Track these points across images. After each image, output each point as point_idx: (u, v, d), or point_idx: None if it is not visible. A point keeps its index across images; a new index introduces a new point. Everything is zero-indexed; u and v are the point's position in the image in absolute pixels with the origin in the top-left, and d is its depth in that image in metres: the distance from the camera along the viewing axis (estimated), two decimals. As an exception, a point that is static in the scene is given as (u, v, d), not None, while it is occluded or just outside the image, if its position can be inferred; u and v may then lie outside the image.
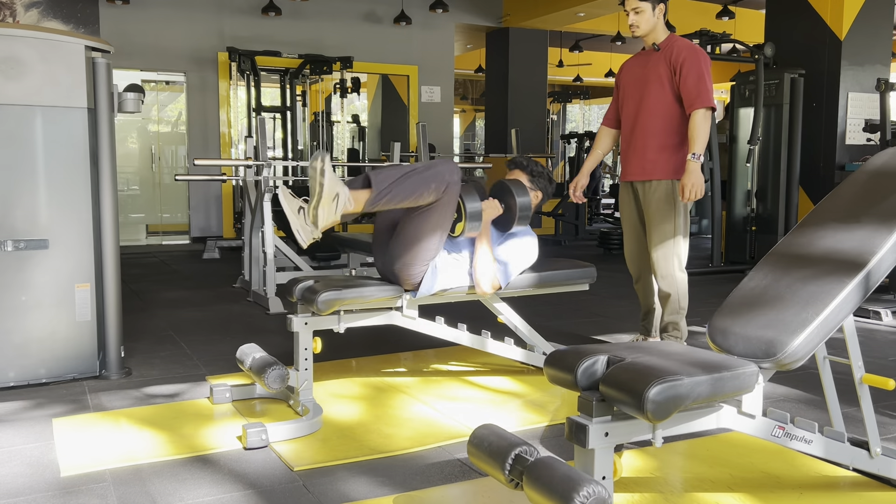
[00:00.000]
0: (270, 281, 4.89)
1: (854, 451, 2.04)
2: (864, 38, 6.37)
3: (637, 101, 3.53)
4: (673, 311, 3.52)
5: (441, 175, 2.69)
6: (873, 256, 1.93)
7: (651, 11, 3.41)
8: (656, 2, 3.42)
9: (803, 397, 3.07)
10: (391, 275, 2.92)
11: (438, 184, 2.68)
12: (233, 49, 8.40)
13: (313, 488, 2.19)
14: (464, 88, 16.60)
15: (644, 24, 3.44)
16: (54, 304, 3.18)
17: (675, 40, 3.48)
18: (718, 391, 1.74)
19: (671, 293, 3.50)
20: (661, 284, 3.52)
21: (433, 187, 2.68)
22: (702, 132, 3.33)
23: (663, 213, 3.46)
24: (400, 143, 6.08)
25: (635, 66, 3.60)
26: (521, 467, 1.75)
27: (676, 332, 3.54)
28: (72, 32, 3.69)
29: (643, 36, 3.50)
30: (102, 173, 3.26)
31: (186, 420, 2.76)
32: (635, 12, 3.42)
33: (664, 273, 3.49)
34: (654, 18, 3.43)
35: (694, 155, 3.33)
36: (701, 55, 3.39)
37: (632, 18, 3.44)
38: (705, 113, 3.34)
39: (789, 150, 6.50)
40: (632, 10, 3.43)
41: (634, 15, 3.43)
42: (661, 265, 3.48)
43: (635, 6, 3.41)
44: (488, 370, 3.43)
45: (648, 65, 3.51)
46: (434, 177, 2.68)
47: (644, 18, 3.42)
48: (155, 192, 10.26)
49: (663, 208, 3.46)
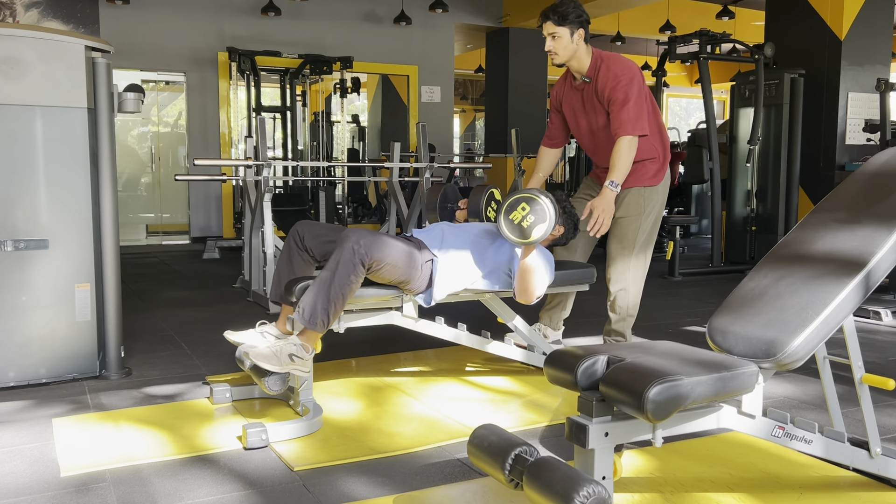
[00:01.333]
0: (270, 281, 4.88)
1: (854, 451, 2.04)
2: (864, 38, 6.37)
3: (594, 134, 3.39)
4: (620, 318, 3.44)
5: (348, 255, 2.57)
6: (873, 256, 1.93)
7: (569, 37, 3.20)
8: (575, 27, 3.20)
9: (803, 397, 3.07)
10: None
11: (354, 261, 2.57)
12: (233, 49, 8.40)
13: (313, 488, 2.19)
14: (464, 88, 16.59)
15: (562, 52, 3.23)
16: (54, 304, 3.18)
17: (601, 67, 3.25)
18: (718, 391, 1.74)
19: (620, 300, 3.42)
20: (612, 288, 3.43)
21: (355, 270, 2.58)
22: (622, 160, 3.15)
23: (628, 219, 3.39)
24: (400, 143, 6.08)
25: (572, 96, 3.43)
26: (521, 467, 1.75)
27: (621, 339, 3.50)
28: (72, 32, 3.69)
29: (563, 63, 3.30)
30: (102, 173, 3.26)
31: (186, 420, 2.76)
32: (552, 38, 3.21)
33: (617, 278, 3.41)
34: (572, 45, 3.22)
35: (612, 182, 3.15)
36: (624, 80, 3.17)
37: (549, 44, 3.23)
38: (630, 140, 3.16)
39: (789, 150, 6.50)
40: (549, 36, 3.22)
41: (552, 41, 3.22)
42: (617, 270, 3.41)
43: (552, 31, 3.21)
44: (488, 370, 3.43)
45: (585, 96, 3.35)
46: (345, 263, 2.56)
47: (562, 45, 3.22)
48: (155, 192, 10.27)
49: (630, 213, 3.39)
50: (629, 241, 3.39)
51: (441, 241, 2.99)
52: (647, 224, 3.40)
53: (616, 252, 3.42)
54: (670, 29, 9.89)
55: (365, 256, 2.60)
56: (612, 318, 3.47)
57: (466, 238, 3.03)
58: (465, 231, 3.09)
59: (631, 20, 11.10)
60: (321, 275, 2.59)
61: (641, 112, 3.18)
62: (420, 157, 5.78)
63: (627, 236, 3.39)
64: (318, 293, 2.57)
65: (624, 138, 3.16)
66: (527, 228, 2.62)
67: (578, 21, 3.21)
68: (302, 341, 2.62)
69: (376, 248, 2.63)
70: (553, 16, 3.20)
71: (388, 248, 2.68)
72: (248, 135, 8.21)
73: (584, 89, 3.34)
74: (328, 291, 2.56)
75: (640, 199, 3.39)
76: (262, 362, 2.52)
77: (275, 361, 2.54)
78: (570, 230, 3.25)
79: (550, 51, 3.25)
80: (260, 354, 2.53)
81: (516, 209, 2.63)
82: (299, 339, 2.62)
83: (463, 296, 3.06)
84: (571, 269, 3.30)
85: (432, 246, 2.94)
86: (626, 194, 3.38)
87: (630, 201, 3.39)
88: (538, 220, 2.61)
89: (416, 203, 5.81)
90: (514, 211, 2.63)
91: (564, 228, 3.21)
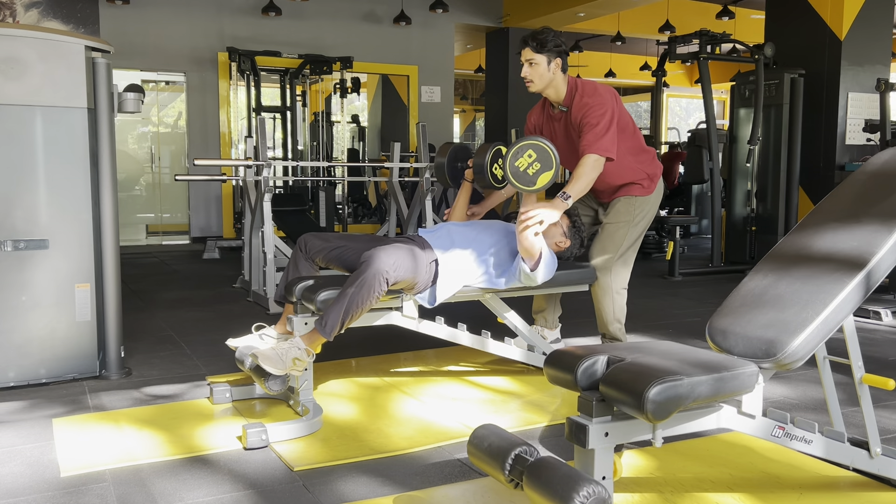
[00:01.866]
0: (270, 281, 4.89)
1: (854, 451, 2.04)
2: (864, 38, 6.37)
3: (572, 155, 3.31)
4: (608, 321, 3.42)
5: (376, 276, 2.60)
6: (873, 256, 1.93)
7: (546, 65, 3.17)
8: (553, 55, 3.17)
9: (803, 397, 3.07)
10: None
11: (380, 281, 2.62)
12: (233, 49, 8.40)
13: (313, 488, 2.19)
14: (464, 88, 16.59)
15: (538, 80, 3.19)
16: (54, 304, 3.18)
17: (575, 95, 3.22)
18: (718, 391, 1.74)
19: (604, 304, 3.40)
20: (597, 292, 3.41)
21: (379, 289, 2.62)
22: (583, 177, 3.07)
23: (616, 225, 3.39)
24: (400, 143, 6.08)
25: (550, 125, 3.39)
26: (521, 467, 1.75)
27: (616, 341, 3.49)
28: (72, 32, 3.69)
29: (539, 91, 3.25)
30: (102, 173, 3.26)
31: (186, 420, 2.76)
32: (529, 64, 3.18)
33: (602, 283, 3.38)
34: (549, 73, 3.18)
35: (564, 194, 3.03)
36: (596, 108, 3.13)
37: (525, 70, 3.20)
38: (595, 160, 3.09)
39: (789, 150, 6.50)
40: (526, 62, 3.19)
41: (528, 67, 3.19)
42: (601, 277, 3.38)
43: (530, 57, 3.17)
44: (488, 370, 3.43)
45: (563, 127, 3.32)
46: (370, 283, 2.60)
47: (538, 73, 3.18)
48: (155, 192, 10.27)
49: (620, 220, 3.38)
50: (614, 247, 3.37)
51: (445, 240, 3.00)
52: (634, 232, 3.40)
53: (599, 258, 3.39)
54: (670, 29, 9.89)
55: (391, 278, 2.66)
56: (600, 322, 3.48)
57: (471, 237, 3.04)
58: (471, 230, 3.10)
59: (631, 20, 11.09)
60: (344, 288, 2.62)
61: (608, 135, 3.11)
62: (420, 157, 5.78)
63: (613, 242, 3.37)
64: (338, 308, 2.61)
65: (589, 156, 3.09)
66: (533, 175, 2.62)
67: (557, 50, 3.19)
68: (305, 344, 2.64)
69: (402, 270, 2.70)
70: (532, 42, 3.18)
71: (408, 264, 2.74)
72: (248, 135, 8.21)
73: (561, 119, 3.33)
74: (348, 304, 2.60)
75: (631, 208, 3.40)
76: (265, 364, 2.54)
77: (279, 364, 2.56)
78: (577, 246, 3.27)
79: (526, 77, 3.22)
80: (264, 356, 2.56)
81: (522, 156, 2.63)
82: (303, 343, 2.64)
83: (461, 296, 3.06)
84: (572, 269, 3.30)
85: (436, 246, 2.96)
86: (617, 202, 3.40)
87: (620, 208, 3.40)
88: (544, 168, 2.62)
89: (416, 203, 5.80)
90: (521, 158, 2.63)
91: (571, 242, 3.22)
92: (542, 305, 3.67)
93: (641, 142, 3.43)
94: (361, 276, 2.61)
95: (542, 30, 3.21)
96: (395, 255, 2.69)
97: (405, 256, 2.75)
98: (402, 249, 2.77)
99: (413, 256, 2.80)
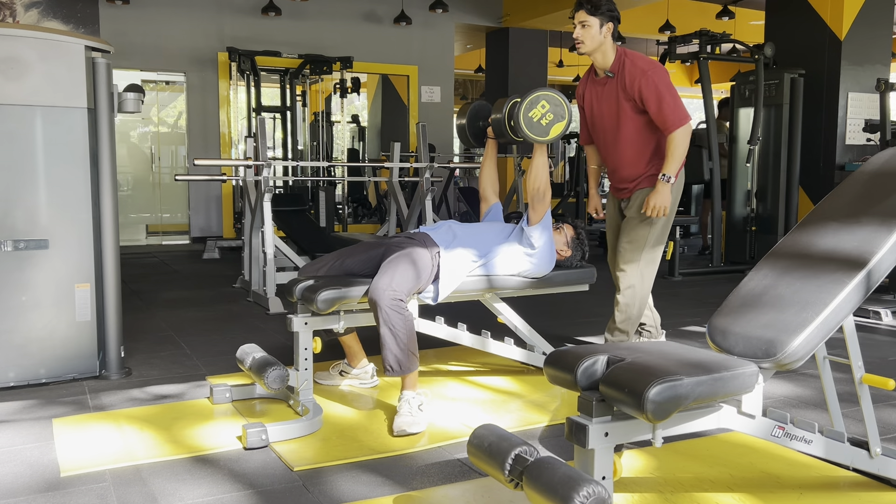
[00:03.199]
0: (270, 281, 4.89)
1: (854, 451, 2.04)
2: (864, 38, 6.37)
3: (607, 131, 3.40)
4: (626, 317, 3.42)
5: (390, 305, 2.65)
6: (873, 256, 1.93)
7: (598, 28, 3.22)
8: (605, 19, 3.22)
9: (803, 397, 3.07)
10: None
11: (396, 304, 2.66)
12: (233, 49, 8.40)
13: (313, 488, 2.19)
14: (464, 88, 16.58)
15: (589, 42, 3.25)
16: (54, 304, 3.18)
17: (625, 63, 3.28)
18: (718, 391, 1.74)
19: (628, 298, 3.40)
20: (620, 286, 3.42)
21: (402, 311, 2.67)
22: (677, 152, 3.22)
23: (636, 220, 3.39)
24: (400, 143, 6.08)
25: (592, 91, 3.45)
26: (521, 467, 1.75)
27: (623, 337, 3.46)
28: (72, 32, 3.69)
29: (588, 53, 3.31)
30: (102, 173, 3.26)
31: (186, 420, 2.76)
32: (582, 26, 3.24)
33: (626, 276, 3.40)
34: (599, 36, 3.24)
35: (664, 176, 3.22)
36: (652, 74, 3.21)
37: (577, 32, 3.25)
38: (681, 132, 3.20)
39: (789, 150, 6.50)
40: (579, 24, 3.25)
41: (581, 29, 3.24)
42: (626, 268, 3.40)
43: (583, 19, 3.23)
44: (488, 370, 3.43)
45: (606, 93, 3.36)
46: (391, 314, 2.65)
47: (590, 35, 3.23)
48: (155, 192, 10.27)
49: (639, 215, 3.38)
50: (640, 241, 3.39)
51: (448, 236, 3.01)
52: (658, 224, 3.39)
53: (626, 251, 3.42)
54: (670, 29, 9.89)
55: (402, 295, 2.69)
56: (618, 316, 3.45)
57: (474, 234, 3.06)
58: (472, 227, 3.14)
59: (631, 20, 11.08)
60: (381, 332, 2.66)
61: (677, 101, 3.22)
62: (420, 157, 5.78)
63: (639, 236, 3.39)
64: (392, 347, 2.65)
65: (675, 133, 3.20)
66: (546, 125, 2.65)
67: (609, 14, 3.25)
68: (413, 391, 2.72)
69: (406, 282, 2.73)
70: (586, 4, 3.24)
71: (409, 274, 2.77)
72: (248, 135, 8.21)
73: (606, 84, 3.36)
74: (396, 341, 2.65)
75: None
76: (413, 429, 2.60)
77: (419, 420, 2.64)
78: (577, 258, 3.31)
79: (577, 38, 3.27)
80: (407, 424, 2.61)
81: (536, 107, 2.65)
82: (411, 391, 2.72)
83: (462, 296, 3.06)
84: (572, 269, 3.30)
85: (440, 242, 2.97)
86: (640, 195, 3.40)
87: (643, 202, 3.39)
88: (557, 118, 2.65)
89: (416, 203, 5.80)
90: (535, 108, 2.65)
91: (572, 253, 3.25)
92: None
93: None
94: (379, 314, 2.65)
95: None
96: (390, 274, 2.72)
97: (409, 269, 2.77)
98: (404, 262, 2.79)
99: (412, 261, 2.81)
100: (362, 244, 3.12)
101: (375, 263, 2.89)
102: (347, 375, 3.20)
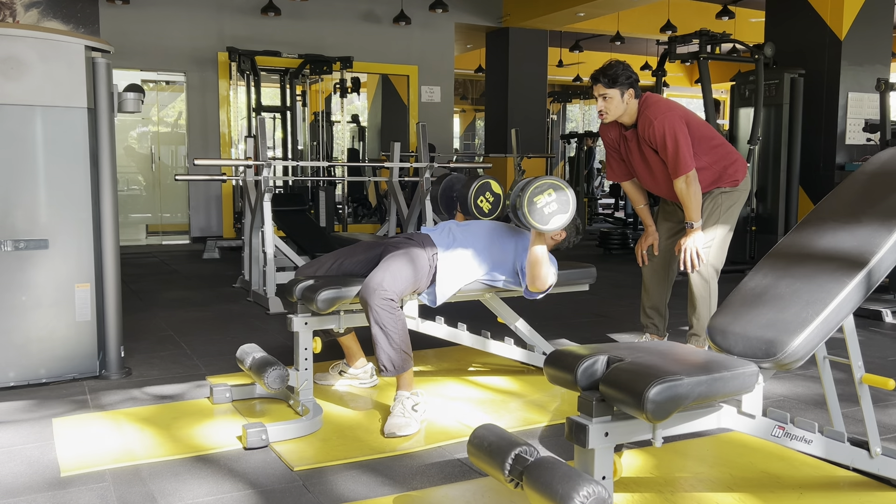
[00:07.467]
0: (270, 281, 4.89)
1: (854, 451, 2.04)
2: (864, 38, 6.37)
3: (646, 172, 3.47)
4: (701, 315, 3.42)
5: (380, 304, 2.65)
6: (873, 256, 1.93)
7: (620, 97, 3.29)
8: (625, 88, 3.29)
9: (803, 397, 3.07)
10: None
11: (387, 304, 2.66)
12: (233, 49, 8.40)
13: (313, 488, 2.19)
14: (464, 88, 16.59)
15: (613, 111, 3.33)
16: (54, 303, 3.18)
17: (643, 113, 3.32)
18: (718, 391, 1.74)
19: (701, 295, 3.43)
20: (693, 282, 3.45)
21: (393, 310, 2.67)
22: (687, 201, 3.30)
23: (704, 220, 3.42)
24: (400, 143, 6.08)
25: (621, 139, 3.50)
26: (521, 467, 1.75)
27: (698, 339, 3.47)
28: (72, 32, 3.69)
29: (614, 120, 3.41)
30: (102, 173, 3.26)
31: (186, 420, 2.76)
32: (604, 98, 3.32)
33: (695, 280, 3.42)
34: (623, 105, 3.31)
35: (689, 224, 3.31)
36: (658, 125, 3.26)
37: (600, 105, 3.33)
38: (684, 180, 3.27)
39: (789, 150, 6.50)
40: (600, 97, 3.33)
41: (603, 101, 3.32)
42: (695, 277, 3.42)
43: (603, 92, 3.30)
44: (488, 370, 3.43)
45: (631, 139, 3.44)
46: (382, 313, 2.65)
47: (613, 105, 3.31)
48: (155, 192, 10.26)
49: (705, 215, 3.41)
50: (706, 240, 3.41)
51: (447, 238, 3.01)
52: (723, 223, 3.41)
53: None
54: (670, 29, 9.89)
55: (393, 295, 2.68)
56: (694, 316, 3.46)
57: (473, 236, 3.05)
58: (473, 228, 3.11)
59: (631, 20, 11.10)
60: (372, 332, 2.66)
61: (680, 152, 3.25)
62: (420, 157, 5.78)
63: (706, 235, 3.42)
64: (384, 347, 2.66)
65: (678, 182, 3.29)
66: (547, 215, 2.65)
67: (628, 82, 3.30)
68: (408, 391, 2.72)
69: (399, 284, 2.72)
70: (603, 79, 3.29)
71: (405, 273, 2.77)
72: (248, 135, 8.21)
73: (633, 136, 3.42)
74: (389, 340, 2.65)
75: (715, 200, 3.44)
76: (405, 431, 2.60)
77: (412, 422, 2.64)
78: (572, 236, 3.28)
79: (601, 110, 3.34)
80: (398, 426, 2.61)
81: (542, 193, 2.65)
82: (405, 391, 2.72)
83: (461, 296, 3.06)
84: (572, 269, 3.30)
85: (438, 244, 2.96)
86: (705, 198, 3.43)
87: (706, 206, 3.43)
88: (560, 210, 2.65)
89: (416, 203, 5.80)
90: (541, 194, 2.65)
91: (566, 234, 3.22)
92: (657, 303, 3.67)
93: (713, 138, 3.44)
94: (370, 313, 2.66)
95: (611, 64, 3.32)
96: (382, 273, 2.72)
97: (398, 268, 2.77)
98: (397, 262, 2.78)
99: (408, 262, 2.81)
100: (361, 245, 3.12)
101: (374, 264, 2.89)
102: (346, 375, 3.20)
